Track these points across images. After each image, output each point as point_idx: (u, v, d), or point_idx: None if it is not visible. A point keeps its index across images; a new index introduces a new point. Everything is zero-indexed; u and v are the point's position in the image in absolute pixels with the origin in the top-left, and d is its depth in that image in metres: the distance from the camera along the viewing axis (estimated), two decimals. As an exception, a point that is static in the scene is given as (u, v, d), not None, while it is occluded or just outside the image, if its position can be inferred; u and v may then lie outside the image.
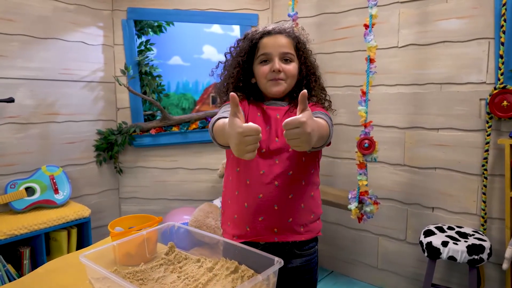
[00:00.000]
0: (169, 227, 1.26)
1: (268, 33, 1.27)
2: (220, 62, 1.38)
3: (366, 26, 2.16)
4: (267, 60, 1.26)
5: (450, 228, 2.16)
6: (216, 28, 3.13)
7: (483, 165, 2.15)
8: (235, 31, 3.09)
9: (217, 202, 2.84)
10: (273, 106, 1.29)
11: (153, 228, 1.21)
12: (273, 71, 1.24)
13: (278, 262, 0.96)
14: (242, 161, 1.25)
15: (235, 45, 1.35)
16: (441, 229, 2.13)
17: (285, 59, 1.26)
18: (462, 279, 2.29)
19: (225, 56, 1.37)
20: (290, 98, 1.32)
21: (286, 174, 1.21)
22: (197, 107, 3.18)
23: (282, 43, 1.26)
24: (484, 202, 2.15)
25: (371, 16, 2.13)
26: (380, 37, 2.40)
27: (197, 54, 3.14)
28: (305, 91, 0.95)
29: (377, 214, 2.34)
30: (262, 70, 1.26)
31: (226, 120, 1.01)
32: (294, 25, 1.33)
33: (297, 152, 1.23)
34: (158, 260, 1.15)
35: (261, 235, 1.21)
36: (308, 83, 1.32)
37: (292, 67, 1.27)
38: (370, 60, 2.16)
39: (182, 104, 3.17)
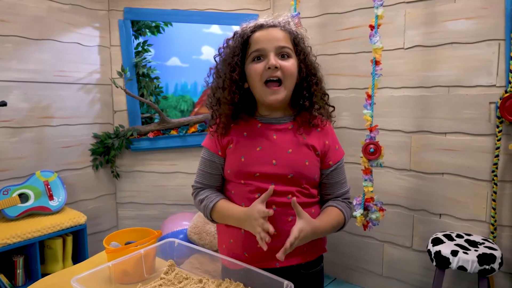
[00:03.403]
0: (168, 244, 1.18)
1: (260, 27, 1.11)
2: (210, 68, 1.19)
3: (372, 27, 2.08)
4: (260, 57, 1.09)
5: (458, 236, 2.09)
6: (215, 29, 3.05)
7: (493, 171, 2.08)
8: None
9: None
10: (269, 124, 1.15)
11: (151, 246, 1.14)
12: (269, 68, 1.06)
13: (288, 287, 0.88)
14: (236, 183, 1.15)
15: (224, 45, 1.16)
16: (449, 237, 2.06)
17: (282, 54, 1.09)
18: (470, 288, 2.22)
19: (214, 59, 1.18)
20: (292, 107, 1.19)
21: (285, 198, 1.10)
22: (196, 109, 3.11)
23: (278, 36, 1.09)
24: (494, 209, 2.09)
25: (377, 17, 2.06)
26: (385, 38, 2.31)
27: (195, 55, 3.06)
28: (294, 199, 1.02)
29: (383, 220, 2.27)
30: (254, 69, 1.08)
31: (230, 208, 1.12)
32: (290, 19, 1.17)
33: (298, 178, 1.13)
34: (156, 280, 1.08)
35: (260, 261, 1.09)
36: (308, 86, 1.15)
37: (291, 64, 1.09)
38: (376, 62, 2.09)
39: (181, 106, 3.09)
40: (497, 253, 1.86)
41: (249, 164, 1.12)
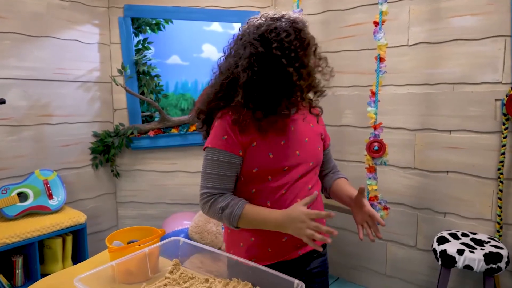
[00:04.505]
0: (173, 242, 1.15)
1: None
2: (293, 51, 1.07)
3: (376, 24, 2.06)
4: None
5: (464, 234, 2.06)
6: (216, 26, 3.02)
7: (499, 169, 2.05)
8: (236, 29, 2.97)
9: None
10: (284, 118, 1.19)
11: (155, 245, 1.10)
12: None
13: (299, 286, 0.85)
14: (260, 181, 1.13)
15: (299, 31, 1.10)
16: (455, 236, 2.04)
17: None
18: (476, 287, 2.20)
19: (295, 44, 1.07)
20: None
21: (306, 189, 1.17)
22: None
23: None
24: (500, 207, 2.06)
25: (381, 13, 2.04)
26: (389, 35, 2.28)
27: (196, 53, 3.03)
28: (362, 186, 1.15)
29: (386, 219, 2.25)
30: None
31: (263, 211, 1.08)
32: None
33: (316, 164, 1.24)
34: (161, 280, 1.05)
35: (284, 254, 1.14)
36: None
37: None
38: (380, 59, 2.07)
39: (181, 105, 3.06)
40: (504, 252, 1.84)
41: (278, 159, 1.13)
